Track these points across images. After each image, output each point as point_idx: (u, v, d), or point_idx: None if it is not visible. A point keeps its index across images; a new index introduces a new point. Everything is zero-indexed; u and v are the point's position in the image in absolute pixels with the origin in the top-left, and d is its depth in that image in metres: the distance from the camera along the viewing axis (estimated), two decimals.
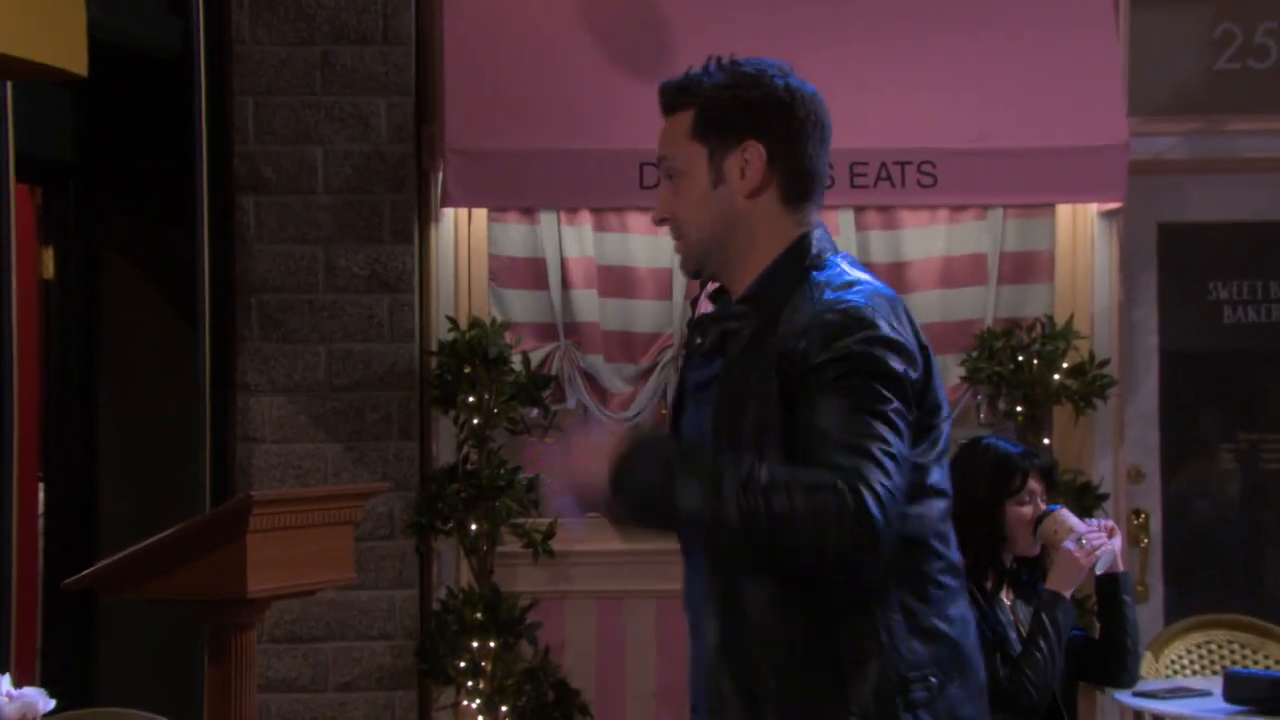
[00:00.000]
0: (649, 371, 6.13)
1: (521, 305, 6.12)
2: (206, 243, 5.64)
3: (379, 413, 5.76)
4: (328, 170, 5.82)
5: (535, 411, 5.90)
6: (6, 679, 2.40)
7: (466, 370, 5.74)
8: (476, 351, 5.75)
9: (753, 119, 2.25)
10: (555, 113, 5.86)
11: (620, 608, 5.96)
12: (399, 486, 5.74)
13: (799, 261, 2.27)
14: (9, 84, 4.96)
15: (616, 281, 6.16)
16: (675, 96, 2.32)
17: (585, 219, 6.12)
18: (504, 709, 5.67)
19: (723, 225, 2.27)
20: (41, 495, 5.69)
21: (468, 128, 5.80)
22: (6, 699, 2.35)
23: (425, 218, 5.92)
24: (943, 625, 2.26)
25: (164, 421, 5.62)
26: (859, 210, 6.18)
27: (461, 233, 6.07)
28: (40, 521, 5.68)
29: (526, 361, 5.90)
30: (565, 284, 6.11)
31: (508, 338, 5.87)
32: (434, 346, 5.86)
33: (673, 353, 6.17)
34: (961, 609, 2.32)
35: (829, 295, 2.24)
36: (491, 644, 5.68)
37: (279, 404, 5.74)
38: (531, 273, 6.14)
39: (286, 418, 5.73)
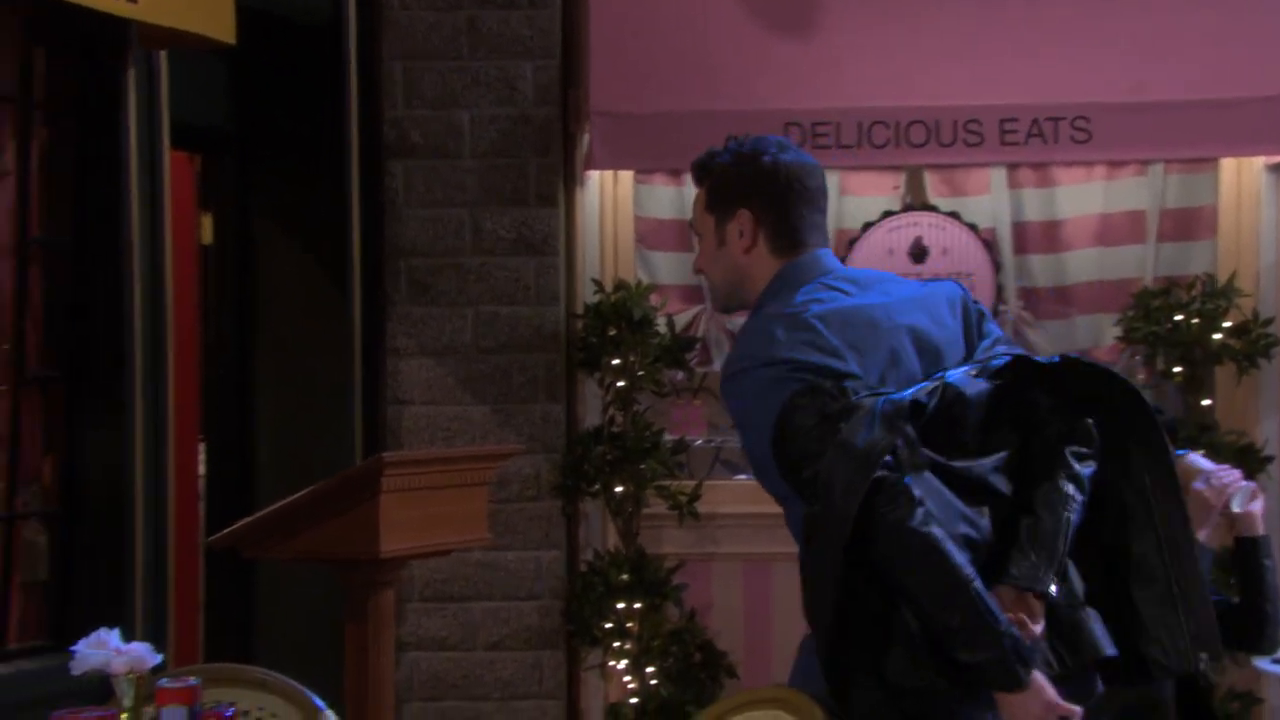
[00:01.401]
0: None
1: (667, 267, 6.12)
2: (357, 208, 5.73)
3: (525, 375, 5.80)
4: (474, 134, 5.87)
5: (680, 374, 5.89)
6: (116, 634, 2.47)
7: (611, 333, 5.76)
8: (621, 314, 5.76)
9: (744, 192, 2.77)
10: (701, 73, 5.84)
11: (768, 570, 5.93)
12: (545, 449, 5.78)
13: (771, 293, 2.74)
14: (163, 53, 5.09)
15: None
16: (698, 174, 2.86)
17: None
18: (650, 670, 5.69)
19: (732, 275, 2.79)
20: (202, 456, 5.85)
21: (613, 90, 5.80)
22: (115, 653, 2.42)
23: (571, 181, 5.93)
24: None
25: (317, 384, 5.74)
26: (1012, 168, 6.05)
27: (607, 195, 6.08)
28: (200, 482, 5.85)
29: (671, 324, 5.90)
30: None
31: (653, 300, 5.88)
32: (579, 309, 5.88)
33: None
34: None
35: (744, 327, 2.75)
36: (637, 605, 5.70)
37: (427, 367, 5.81)
38: (678, 234, 6.14)
39: (434, 380, 5.81)
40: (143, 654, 2.44)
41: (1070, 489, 2.63)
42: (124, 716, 2.43)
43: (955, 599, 2.46)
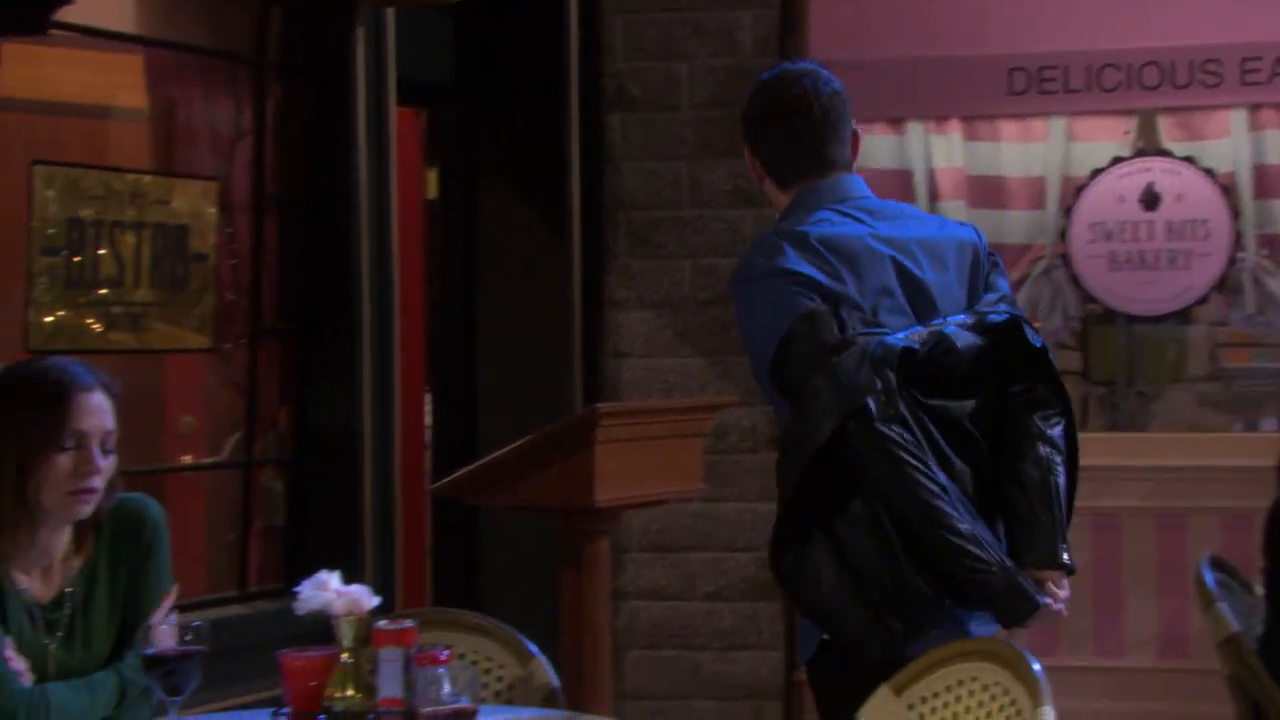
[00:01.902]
0: (1019, 283, 5.96)
1: None
2: (577, 161, 5.79)
3: None
4: (693, 85, 5.87)
5: None
6: (336, 576, 2.55)
7: None
8: None
9: (747, 130, 2.96)
10: (921, 18, 5.74)
11: None
12: (762, 401, 5.77)
13: (783, 219, 2.86)
14: (390, 10, 5.20)
15: (987, 192, 6.01)
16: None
17: (954, 128, 5.99)
18: None
19: (774, 206, 2.95)
20: (428, 407, 6.00)
21: (832, 38, 5.74)
22: (335, 595, 2.50)
23: None
24: None
25: (538, 337, 5.83)
26: (1254, 109, 5.82)
27: None
28: (428, 433, 6.00)
29: None
30: (933, 195, 6.01)
31: None
32: None
33: (1045, 264, 5.99)
34: None
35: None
36: None
37: (646, 319, 5.86)
38: (898, 185, 6.05)
39: (653, 333, 5.85)
40: (361, 596, 2.52)
41: (1045, 451, 2.72)
42: (344, 656, 2.52)
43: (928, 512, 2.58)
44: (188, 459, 5.46)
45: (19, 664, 2.37)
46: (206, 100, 5.01)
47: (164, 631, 2.36)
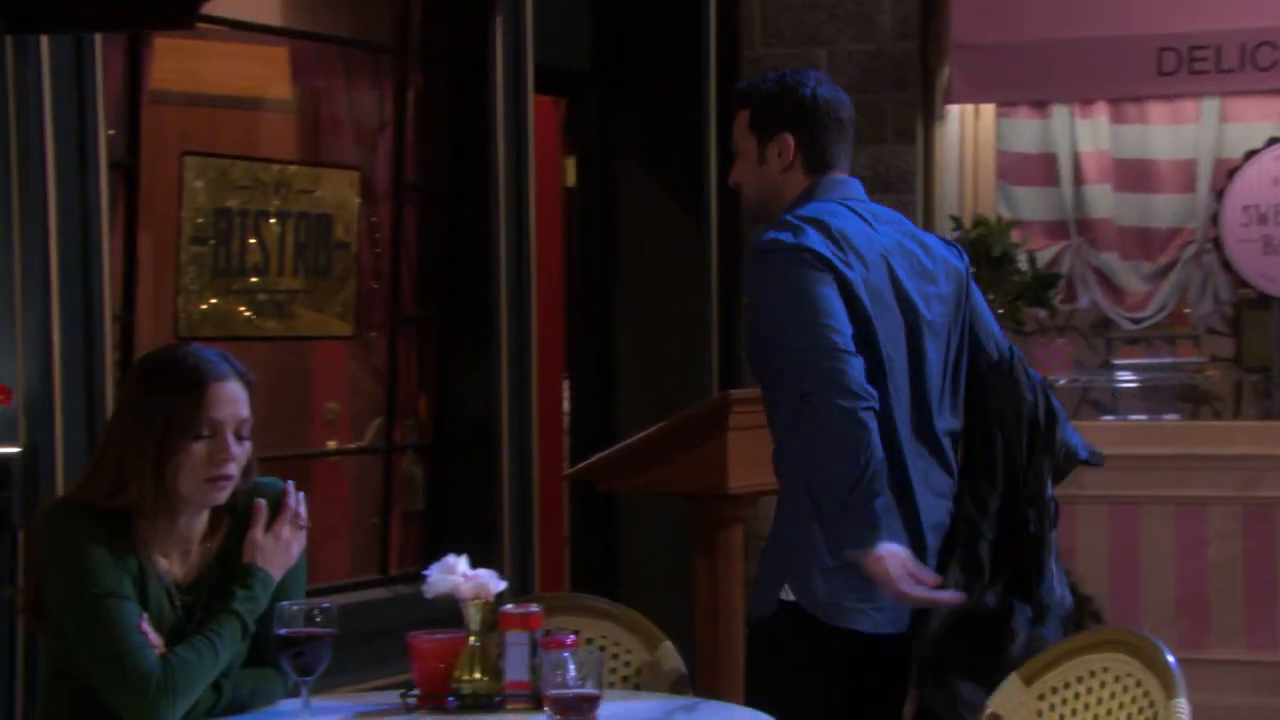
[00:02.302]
0: (1168, 268, 5.85)
1: (1030, 203, 5.96)
2: (714, 147, 5.79)
3: None
4: (831, 71, 5.82)
5: (1043, 312, 5.74)
6: (463, 560, 2.58)
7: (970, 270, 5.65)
8: (980, 251, 5.64)
9: (787, 117, 3.05)
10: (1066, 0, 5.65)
11: (1135, 513, 5.74)
12: None
13: (793, 206, 3.01)
14: None
15: (1134, 175, 5.91)
16: (740, 99, 3.12)
17: (1100, 110, 5.89)
18: None
19: (766, 190, 3.07)
20: (566, 393, 6.04)
21: (975, 20, 5.67)
22: (463, 579, 2.54)
23: (929, 116, 5.84)
24: None
25: (675, 323, 5.83)
26: None
27: (968, 130, 5.96)
28: (566, 419, 6.04)
29: (1033, 260, 5.75)
30: (1078, 179, 5.91)
31: (1014, 236, 5.74)
32: None
33: (1195, 248, 5.86)
34: None
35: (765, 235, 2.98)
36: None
37: None
38: (1042, 168, 5.97)
39: None
40: (489, 580, 2.55)
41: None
42: (471, 639, 2.55)
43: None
44: (332, 444, 5.57)
45: (155, 638, 2.44)
46: (349, 90, 5.10)
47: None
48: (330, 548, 5.71)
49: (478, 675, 2.54)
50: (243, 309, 4.65)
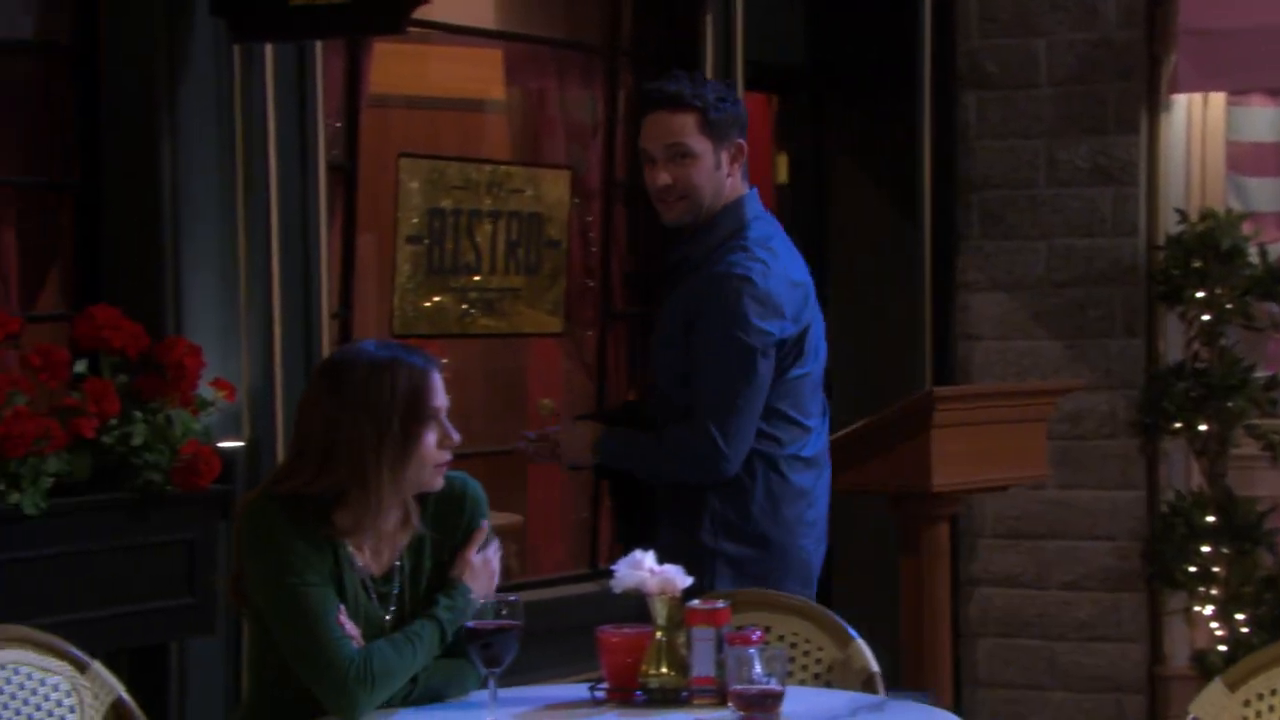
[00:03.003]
0: None
1: (1264, 194, 5.75)
2: (929, 141, 5.71)
3: (1100, 309, 5.62)
4: (1051, 61, 5.71)
5: (1275, 307, 5.54)
6: (651, 555, 2.60)
7: (1196, 264, 5.48)
8: (1208, 244, 5.47)
9: (739, 125, 3.28)
10: None
11: None
12: (1122, 385, 5.58)
13: (740, 213, 3.27)
14: None
15: None
16: (686, 100, 3.22)
17: None
18: (1240, 617, 5.42)
19: (714, 193, 3.26)
20: None
21: (1205, 6, 5.49)
22: (649, 574, 2.56)
23: (1154, 106, 5.67)
24: None
25: (888, 320, 5.78)
26: None
27: (1195, 119, 5.77)
28: None
29: (1264, 253, 5.54)
30: None
31: (1245, 229, 5.54)
32: (1160, 241, 5.63)
33: None
34: None
35: (740, 257, 3.23)
36: (1224, 550, 5.43)
37: (999, 301, 5.73)
38: (1277, 158, 5.75)
39: (1006, 315, 5.72)
40: (675, 575, 2.57)
41: None
42: (658, 634, 2.57)
43: None
44: None
45: (352, 629, 2.51)
46: (561, 91, 5.17)
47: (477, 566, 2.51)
48: (545, 542, 5.81)
49: (664, 670, 2.56)
50: (456, 307, 4.75)
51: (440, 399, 2.57)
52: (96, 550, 3.61)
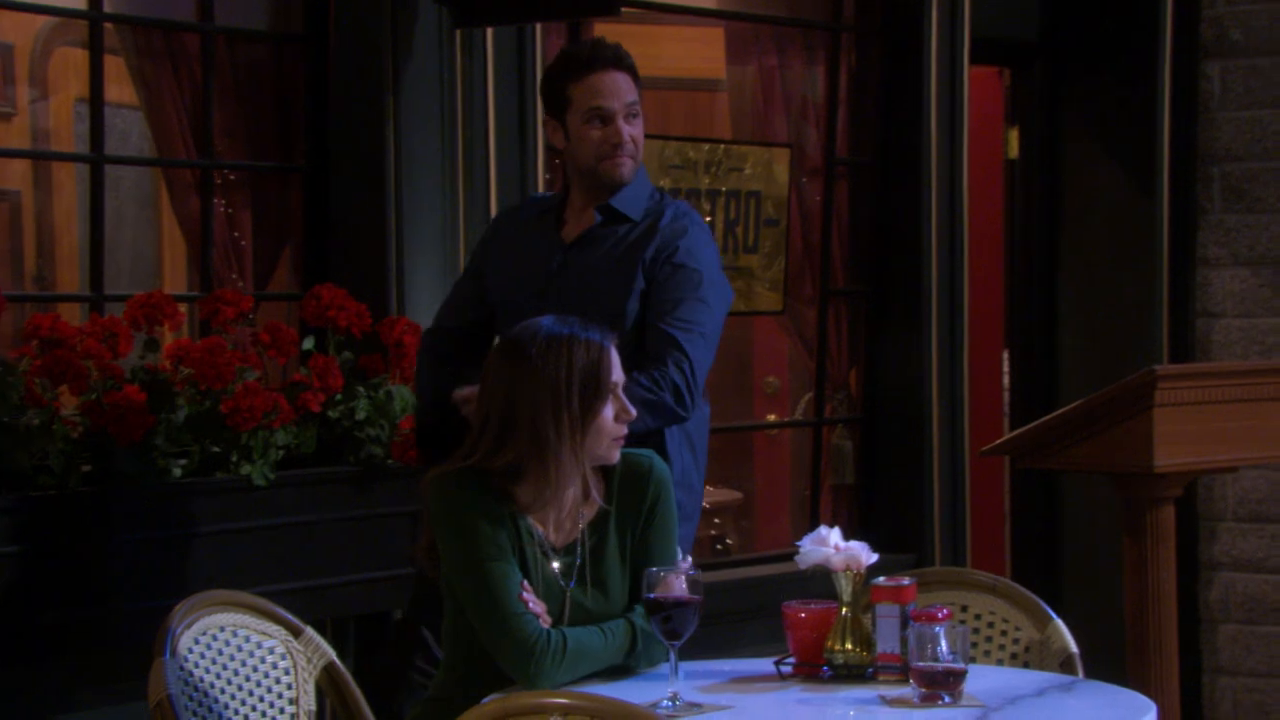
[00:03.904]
0: None
1: None
2: (1168, 113, 5.53)
3: None
4: None
5: None
6: (836, 532, 2.59)
7: None
8: None
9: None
10: None
11: None
12: None
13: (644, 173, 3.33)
14: None
15: None
16: (624, 60, 3.27)
17: None
18: None
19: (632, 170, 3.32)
20: (1006, 366, 5.91)
21: None
22: (834, 550, 2.54)
23: None
24: None
25: (1123, 296, 5.61)
26: None
27: None
28: (1005, 394, 5.91)
29: None
30: None
31: None
32: None
33: None
34: None
35: (684, 205, 3.32)
36: None
37: (1241, 277, 5.52)
38: None
39: (1249, 291, 5.50)
40: (859, 552, 2.55)
41: None
42: (843, 610, 2.56)
43: None
44: (772, 417, 5.66)
45: (537, 606, 2.56)
46: (782, 69, 5.15)
47: (674, 581, 2.48)
48: (771, 516, 5.82)
49: (849, 646, 2.54)
50: None
51: (617, 373, 2.60)
52: (321, 520, 3.75)
